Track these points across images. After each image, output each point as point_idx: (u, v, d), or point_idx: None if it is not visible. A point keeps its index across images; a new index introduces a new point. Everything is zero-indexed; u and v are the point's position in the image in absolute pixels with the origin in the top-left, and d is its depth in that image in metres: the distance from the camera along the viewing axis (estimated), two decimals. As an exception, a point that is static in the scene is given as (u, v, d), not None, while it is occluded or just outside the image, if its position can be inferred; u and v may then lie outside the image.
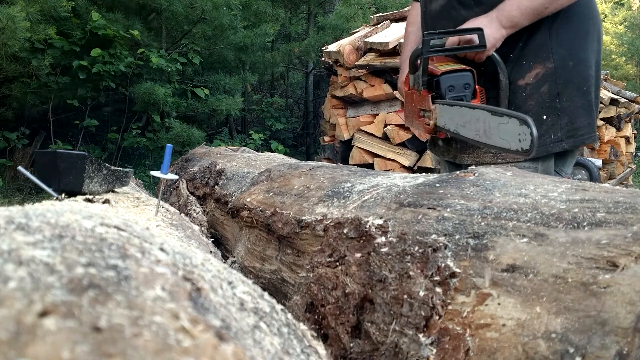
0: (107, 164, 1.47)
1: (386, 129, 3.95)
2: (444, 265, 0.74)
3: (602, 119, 5.76)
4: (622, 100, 6.06)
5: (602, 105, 5.68)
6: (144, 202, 1.48)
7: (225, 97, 5.35)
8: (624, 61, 13.05)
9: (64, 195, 1.36)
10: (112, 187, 1.52)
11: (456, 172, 0.99)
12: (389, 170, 3.83)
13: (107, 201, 1.30)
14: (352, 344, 0.82)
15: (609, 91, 6.01)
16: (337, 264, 0.92)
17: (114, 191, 1.55)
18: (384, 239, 0.85)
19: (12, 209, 0.48)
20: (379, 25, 4.46)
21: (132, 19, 4.93)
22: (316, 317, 0.92)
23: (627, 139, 6.35)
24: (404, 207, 0.91)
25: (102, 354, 0.28)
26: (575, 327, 0.55)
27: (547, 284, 0.61)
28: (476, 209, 0.80)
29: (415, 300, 0.74)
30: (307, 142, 7.21)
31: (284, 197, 1.34)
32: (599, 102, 1.46)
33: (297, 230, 1.16)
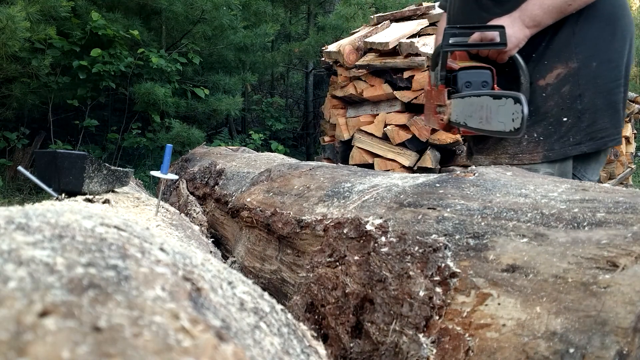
0: (107, 164, 1.47)
1: (386, 129, 3.95)
2: (444, 265, 0.74)
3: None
4: (622, 100, 6.04)
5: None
6: (144, 202, 1.48)
7: (225, 97, 5.35)
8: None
9: (64, 195, 1.36)
10: (112, 187, 1.52)
11: (456, 172, 0.99)
12: (389, 170, 3.83)
13: (107, 201, 1.30)
14: (352, 344, 0.82)
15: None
16: (337, 264, 0.92)
17: (114, 191, 1.55)
18: (384, 239, 0.85)
19: (12, 209, 0.48)
20: (379, 25, 4.46)
21: (132, 19, 4.92)
22: (316, 317, 0.92)
23: (627, 139, 6.35)
24: (404, 207, 0.91)
25: (102, 354, 0.28)
26: (575, 327, 0.55)
27: (547, 284, 0.61)
28: (476, 209, 0.80)
29: (415, 300, 0.74)
30: (307, 142, 7.20)
31: (284, 197, 1.34)
32: (626, 104, 1.43)
33: (297, 230, 1.15)
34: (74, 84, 4.68)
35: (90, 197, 1.34)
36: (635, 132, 6.97)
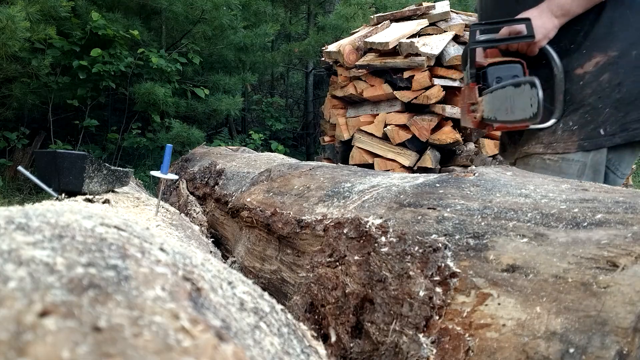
0: (107, 164, 1.47)
1: (386, 129, 3.95)
2: (444, 265, 0.74)
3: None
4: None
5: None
6: (144, 202, 1.48)
7: (225, 97, 5.34)
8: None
9: (64, 195, 1.36)
10: (112, 187, 1.52)
11: (456, 172, 0.99)
12: (389, 170, 3.83)
13: (107, 201, 1.30)
14: (352, 344, 0.82)
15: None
16: (337, 264, 0.92)
17: (114, 191, 1.55)
18: (384, 239, 0.85)
19: (12, 209, 0.48)
20: (379, 25, 4.46)
21: (132, 19, 4.92)
22: (316, 317, 0.92)
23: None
24: (404, 207, 0.91)
25: (102, 354, 0.28)
26: (575, 327, 0.55)
27: (547, 284, 0.61)
28: (476, 209, 0.80)
29: (415, 300, 0.74)
30: (307, 142, 7.20)
31: (284, 197, 1.34)
32: None
33: (297, 230, 1.15)
34: (74, 84, 4.68)
35: (90, 197, 1.34)
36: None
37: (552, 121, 1.36)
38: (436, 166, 3.86)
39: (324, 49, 4.55)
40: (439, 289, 0.72)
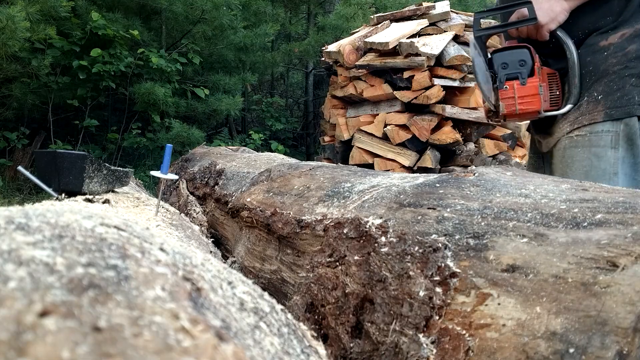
0: (107, 164, 1.47)
1: (386, 129, 3.95)
2: (444, 265, 0.74)
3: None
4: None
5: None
6: (144, 202, 1.48)
7: (225, 97, 5.34)
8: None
9: (64, 195, 1.36)
10: (112, 187, 1.52)
11: (456, 172, 0.99)
12: (389, 170, 3.83)
13: (107, 201, 1.30)
14: (352, 344, 0.82)
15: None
16: (337, 264, 0.92)
17: (114, 191, 1.55)
18: (384, 239, 0.85)
19: (12, 209, 0.48)
20: (379, 25, 4.46)
21: (132, 19, 4.92)
22: (316, 317, 0.92)
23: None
24: (404, 207, 0.91)
25: (102, 354, 0.28)
26: (575, 327, 0.55)
27: (547, 284, 0.61)
28: (476, 209, 0.80)
29: (415, 300, 0.74)
30: (307, 142, 7.20)
31: (284, 197, 1.34)
32: None
33: (297, 230, 1.15)
34: (74, 84, 4.68)
35: (90, 197, 1.34)
36: None
37: (568, 106, 1.34)
38: (436, 166, 3.86)
39: (324, 49, 4.55)
40: (439, 289, 0.72)
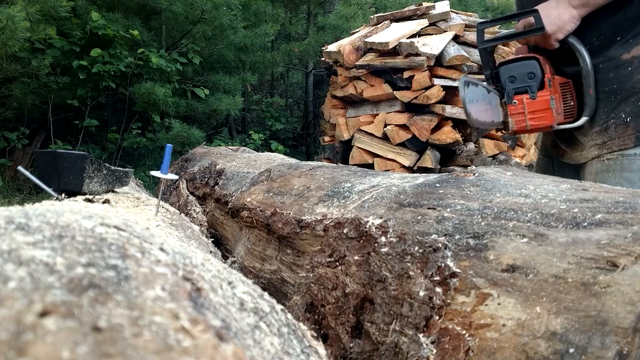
0: (107, 164, 1.47)
1: (386, 129, 3.94)
2: (444, 265, 0.74)
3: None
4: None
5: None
6: (144, 202, 1.48)
7: (225, 97, 5.34)
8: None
9: (64, 195, 1.36)
10: (112, 187, 1.52)
11: (456, 172, 0.98)
12: (389, 170, 3.83)
13: (107, 201, 1.30)
14: (352, 344, 0.82)
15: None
16: (337, 264, 0.92)
17: (114, 191, 1.55)
18: (384, 239, 0.85)
19: (12, 209, 0.48)
20: (379, 25, 4.46)
21: (132, 19, 4.92)
22: (316, 317, 0.92)
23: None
24: (404, 207, 0.91)
25: (102, 354, 0.28)
26: (575, 327, 0.55)
27: (547, 284, 0.61)
28: (476, 209, 0.80)
29: (415, 300, 0.74)
30: (307, 142, 7.20)
31: (284, 197, 1.34)
32: None
33: (297, 230, 1.15)
34: (74, 84, 4.68)
35: (90, 197, 1.34)
36: None
37: (583, 119, 1.26)
38: (436, 166, 3.86)
39: (324, 49, 4.55)
40: (439, 289, 0.72)
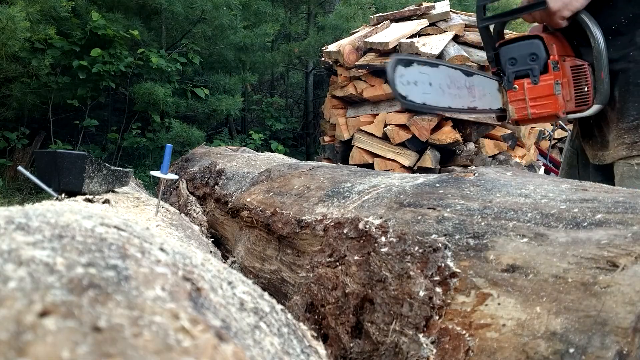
0: (107, 164, 1.47)
1: (386, 129, 3.94)
2: (444, 265, 0.74)
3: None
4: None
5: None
6: (144, 202, 1.48)
7: (225, 97, 5.34)
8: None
9: (64, 195, 1.36)
10: (112, 187, 1.52)
11: (456, 172, 0.98)
12: (389, 170, 3.83)
13: (107, 201, 1.30)
14: (352, 344, 0.82)
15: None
16: (337, 264, 0.92)
17: (114, 191, 1.55)
18: (384, 239, 0.85)
19: (12, 209, 0.48)
20: (379, 25, 4.46)
21: (132, 19, 4.92)
22: (316, 317, 0.92)
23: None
24: (404, 207, 0.91)
25: (102, 354, 0.28)
26: (575, 327, 0.55)
27: (547, 284, 0.61)
28: (476, 209, 0.80)
29: (415, 300, 0.74)
30: (307, 142, 7.20)
31: (284, 197, 1.34)
32: None
33: (297, 230, 1.15)
34: (74, 84, 4.68)
35: (90, 197, 1.34)
36: None
37: (595, 107, 1.15)
38: (436, 166, 3.86)
39: (324, 49, 4.55)
40: (439, 289, 0.72)
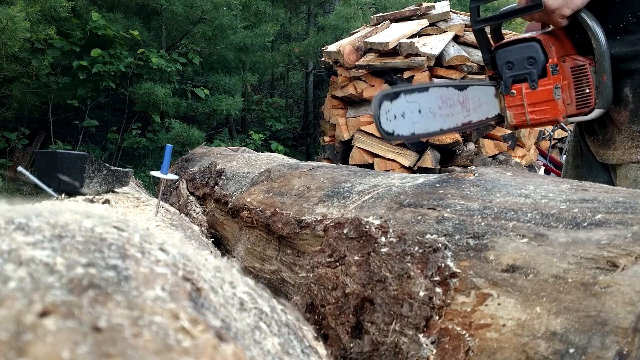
0: (107, 164, 1.47)
1: (386, 129, 3.94)
2: (444, 265, 0.74)
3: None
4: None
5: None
6: (144, 202, 1.48)
7: (225, 97, 5.35)
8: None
9: (64, 195, 1.36)
10: (112, 187, 1.52)
11: (456, 172, 0.98)
12: (388, 170, 3.83)
13: (107, 201, 1.30)
14: (352, 344, 0.82)
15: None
16: (337, 264, 0.92)
17: (114, 191, 1.55)
18: (384, 239, 0.85)
19: (12, 208, 0.48)
20: (379, 25, 4.46)
21: (132, 19, 4.92)
22: (316, 317, 0.92)
23: None
24: (404, 207, 0.91)
25: (102, 354, 0.28)
26: (575, 327, 0.55)
27: (547, 284, 0.61)
28: (476, 209, 0.80)
29: (415, 300, 0.74)
30: (307, 142, 7.20)
31: (284, 197, 1.34)
32: None
33: (297, 230, 1.15)
34: (74, 84, 4.69)
35: (90, 197, 1.34)
36: None
37: (597, 111, 1.12)
38: (436, 166, 3.86)
39: (324, 49, 4.55)
40: (439, 289, 0.72)
